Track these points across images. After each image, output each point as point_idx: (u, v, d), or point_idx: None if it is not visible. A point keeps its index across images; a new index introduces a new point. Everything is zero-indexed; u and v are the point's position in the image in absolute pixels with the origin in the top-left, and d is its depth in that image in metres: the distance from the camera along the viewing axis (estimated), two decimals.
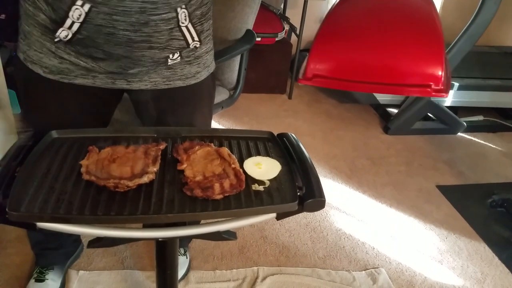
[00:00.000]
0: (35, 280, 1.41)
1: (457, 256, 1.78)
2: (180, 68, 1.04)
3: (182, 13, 0.93)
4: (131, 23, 0.88)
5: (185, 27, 0.96)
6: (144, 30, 0.90)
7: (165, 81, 1.04)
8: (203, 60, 1.08)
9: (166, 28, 0.92)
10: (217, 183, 0.72)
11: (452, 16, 3.29)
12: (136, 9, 0.86)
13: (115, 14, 0.86)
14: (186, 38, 0.98)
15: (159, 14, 0.89)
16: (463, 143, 2.73)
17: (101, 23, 0.87)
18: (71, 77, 0.98)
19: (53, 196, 0.67)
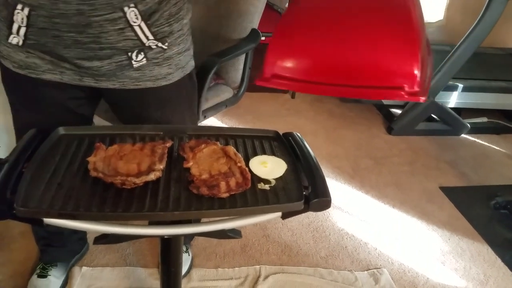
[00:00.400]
0: (38, 276, 1.42)
1: (460, 257, 1.78)
2: (149, 70, 1.01)
3: (130, 12, 0.89)
4: (73, 25, 0.87)
5: (137, 26, 0.91)
6: (89, 31, 0.88)
7: (134, 82, 1.02)
8: (175, 61, 1.05)
9: (113, 29, 0.89)
10: (223, 182, 0.72)
11: (457, 17, 3.28)
12: (73, 11, 0.85)
13: (53, 16, 0.85)
14: (139, 38, 0.93)
15: (101, 15, 0.86)
16: (466, 144, 2.73)
17: (44, 26, 0.87)
18: (38, 72, 0.98)
19: (61, 192, 0.67)
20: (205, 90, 1.64)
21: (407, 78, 0.63)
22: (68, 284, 1.45)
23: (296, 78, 0.70)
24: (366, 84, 0.66)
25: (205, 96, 1.70)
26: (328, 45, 0.69)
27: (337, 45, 0.68)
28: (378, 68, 0.65)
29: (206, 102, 1.76)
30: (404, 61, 0.64)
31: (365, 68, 0.66)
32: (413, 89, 0.63)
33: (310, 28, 0.71)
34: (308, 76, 0.69)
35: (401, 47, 0.65)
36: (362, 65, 0.66)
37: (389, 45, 0.66)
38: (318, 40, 0.70)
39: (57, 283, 1.42)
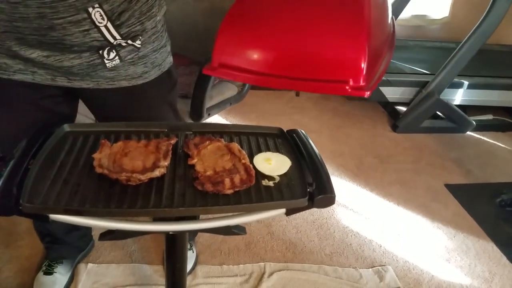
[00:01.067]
0: (44, 273, 1.42)
1: (465, 255, 1.78)
2: (124, 69, 0.98)
3: (95, 12, 0.85)
4: (35, 28, 0.84)
5: (103, 26, 0.88)
6: (53, 34, 0.85)
7: (108, 81, 0.99)
8: (151, 60, 1.02)
9: (78, 30, 0.86)
10: (228, 178, 0.73)
11: (462, 14, 3.26)
12: (34, 14, 0.81)
13: (14, 20, 0.83)
14: (106, 38, 0.90)
15: (64, 17, 0.83)
16: (472, 142, 2.71)
17: (6, 30, 0.84)
18: (9, 72, 0.94)
19: (66, 188, 0.68)
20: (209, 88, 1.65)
21: (352, 72, 0.61)
22: (74, 280, 1.46)
23: (243, 68, 0.68)
24: (311, 77, 0.64)
25: (209, 94, 1.71)
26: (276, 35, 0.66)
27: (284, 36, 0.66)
28: (324, 61, 0.63)
29: (210, 100, 1.76)
30: (350, 54, 0.61)
31: (311, 61, 0.63)
32: (358, 84, 0.61)
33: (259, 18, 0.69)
34: (254, 67, 0.67)
35: (348, 40, 0.62)
36: (308, 57, 0.64)
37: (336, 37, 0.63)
38: (266, 30, 0.67)
39: (63, 280, 1.43)
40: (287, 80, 0.64)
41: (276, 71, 0.65)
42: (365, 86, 0.61)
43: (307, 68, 0.63)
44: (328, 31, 0.63)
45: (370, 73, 0.61)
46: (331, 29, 0.63)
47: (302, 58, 0.63)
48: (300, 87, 0.65)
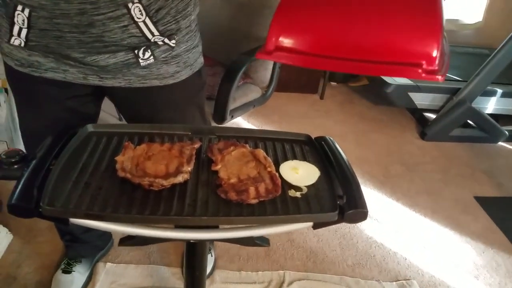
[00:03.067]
0: (62, 271, 1.43)
1: (495, 272, 1.70)
2: (157, 68, 0.98)
3: (135, 8, 0.86)
4: (75, 25, 0.84)
5: (142, 22, 0.88)
6: (92, 31, 0.85)
7: (140, 80, 0.99)
8: (183, 59, 1.02)
9: (117, 26, 0.86)
10: (252, 187, 0.69)
11: (496, 19, 3.15)
12: (75, 11, 0.82)
13: (54, 17, 0.83)
14: (144, 34, 0.90)
15: (104, 13, 0.84)
16: (504, 152, 2.61)
17: (46, 27, 0.85)
18: (41, 70, 0.95)
19: (88, 192, 0.66)
20: (233, 90, 1.62)
21: (426, 55, 0.57)
22: (92, 279, 1.46)
23: (302, 51, 0.64)
24: (381, 60, 0.60)
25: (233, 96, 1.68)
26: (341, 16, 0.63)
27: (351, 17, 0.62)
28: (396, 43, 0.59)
29: (234, 102, 1.74)
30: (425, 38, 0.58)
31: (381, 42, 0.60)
32: (432, 67, 0.57)
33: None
34: (316, 49, 0.63)
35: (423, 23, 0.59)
36: (378, 39, 0.60)
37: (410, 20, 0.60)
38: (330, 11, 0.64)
39: (81, 279, 1.43)
40: (354, 63, 0.61)
41: (341, 53, 0.61)
42: (438, 70, 0.58)
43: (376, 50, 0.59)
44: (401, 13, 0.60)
45: (441, 58, 0.58)
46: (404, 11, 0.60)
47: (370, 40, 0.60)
48: (367, 70, 0.61)
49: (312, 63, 0.65)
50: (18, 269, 1.48)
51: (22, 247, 1.56)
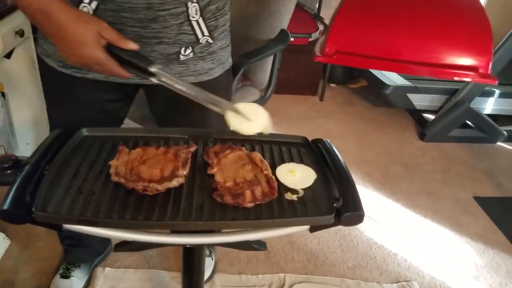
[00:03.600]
0: (61, 276, 1.42)
1: (495, 273, 1.69)
2: (193, 64, 1.01)
3: (193, 7, 0.90)
4: (139, 19, 0.87)
5: (195, 21, 0.93)
6: (153, 26, 0.89)
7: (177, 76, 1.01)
8: (218, 57, 1.05)
9: (175, 23, 0.90)
10: (248, 190, 0.69)
11: (496, 20, 3.14)
12: (143, 5, 0.85)
13: (122, 11, 0.85)
14: (196, 33, 0.95)
15: (168, 9, 0.87)
16: (503, 153, 2.60)
17: (109, 20, 0.86)
18: (84, 71, 0.97)
19: (81, 197, 0.65)
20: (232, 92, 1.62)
21: (481, 61, 0.63)
22: (91, 284, 1.45)
23: (362, 53, 0.67)
24: (437, 62, 0.64)
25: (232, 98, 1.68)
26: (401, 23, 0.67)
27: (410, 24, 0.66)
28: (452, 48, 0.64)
29: None
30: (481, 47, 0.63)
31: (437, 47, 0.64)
32: (486, 71, 0.63)
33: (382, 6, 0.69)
34: (376, 52, 0.66)
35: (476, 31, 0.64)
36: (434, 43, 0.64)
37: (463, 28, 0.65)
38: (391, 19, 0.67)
39: (80, 284, 1.42)
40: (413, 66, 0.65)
41: (400, 56, 0.65)
42: (491, 75, 0.63)
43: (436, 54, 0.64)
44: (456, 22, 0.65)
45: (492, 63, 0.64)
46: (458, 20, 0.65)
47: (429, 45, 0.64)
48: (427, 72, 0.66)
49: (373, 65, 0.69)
50: (15, 274, 1.47)
51: (20, 252, 1.56)
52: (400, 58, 0.66)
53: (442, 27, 0.65)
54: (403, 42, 0.66)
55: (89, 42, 0.76)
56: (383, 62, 0.67)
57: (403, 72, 0.68)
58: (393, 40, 0.66)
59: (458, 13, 0.66)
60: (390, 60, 0.66)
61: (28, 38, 1.64)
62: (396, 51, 0.66)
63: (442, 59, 0.64)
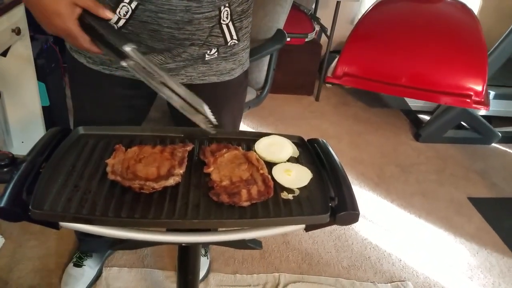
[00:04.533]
0: (74, 265, 1.45)
1: (488, 272, 1.70)
2: (216, 64, 1.03)
3: (225, 11, 0.93)
4: (175, 21, 0.88)
5: (225, 24, 0.95)
6: (188, 28, 0.90)
7: (201, 76, 1.04)
8: (239, 57, 1.07)
9: (208, 26, 0.92)
10: (244, 189, 0.69)
11: (490, 21, 3.16)
12: (181, 7, 0.86)
13: (160, 12, 0.86)
14: (225, 36, 0.97)
15: (203, 12, 0.88)
16: (497, 154, 2.62)
17: (147, 20, 0.87)
18: (112, 68, 0.99)
19: (77, 195, 0.65)
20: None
21: (475, 89, 0.69)
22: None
23: (366, 77, 0.75)
24: (434, 89, 0.71)
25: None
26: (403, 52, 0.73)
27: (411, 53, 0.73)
28: (448, 76, 0.70)
29: None
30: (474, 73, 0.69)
31: (435, 75, 0.70)
32: (479, 98, 0.69)
33: (386, 37, 0.77)
34: (379, 77, 0.74)
35: (472, 61, 0.71)
36: (433, 71, 0.71)
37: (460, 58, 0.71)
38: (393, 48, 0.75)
39: (91, 273, 1.45)
40: (412, 90, 0.71)
41: (400, 81, 0.71)
42: (484, 102, 0.68)
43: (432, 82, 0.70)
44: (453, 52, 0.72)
45: (486, 91, 0.71)
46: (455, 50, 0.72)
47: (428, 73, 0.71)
48: (424, 97, 0.73)
49: (376, 88, 0.75)
50: (10, 273, 1.46)
51: (14, 251, 1.55)
52: (401, 83, 0.73)
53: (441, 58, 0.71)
54: (404, 69, 0.72)
55: (62, 13, 0.73)
56: (386, 86, 0.74)
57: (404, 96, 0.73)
58: (395, 67, 0.73)
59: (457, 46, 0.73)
60: (392, 84, 0.73)
61: (24, 36, 1.63)
62: (398, 77, 0.72)
63: (439, 87, 0.70)
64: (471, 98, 0.69)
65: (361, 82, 0.75)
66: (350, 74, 0.75)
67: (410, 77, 0.71)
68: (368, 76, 0.74)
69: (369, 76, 0.74)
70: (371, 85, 0.75)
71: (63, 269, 1.46)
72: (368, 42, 0.77)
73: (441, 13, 0.80)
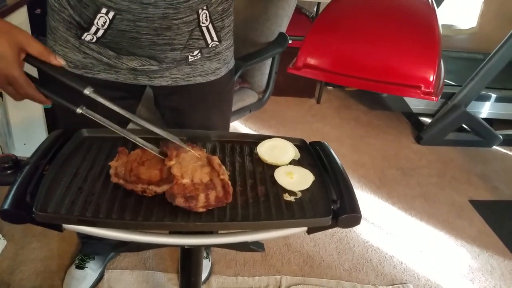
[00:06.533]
0: (76, 267, 1.45)
1: (490, 275, 1.70)
2: (200, 65, 1.04)
3: (203, 14, 0.93)
4: (154, 28, 0.88)
5: (205, 27, 0.96)
6: (167, 33, 0.90)
7: (185, 77, 1.04)
8: (223, 57, 1.08)
9: (187, 30, 0.92)
10: (203, 194, 0.67)
11: (491, 24, 3.17)
12: (159, 15, 0.86)
13: (138, 20, 0.86)
14: (205, 38, 0.98)
15: (181, 18, 0.89)
16: (498, 156, 2.62)
17: (125, 29, 0.88)
18: (94, 71, 0.99)
19: (81, 197, 0.66)
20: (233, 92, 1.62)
21: (424, 80, 0.71)
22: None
23: (325, 69, 0.77)
24: (389, 81, 0.73)
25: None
26: (361, 45, 0.76)
27: (368, 46, 0.76)
28: (401, 68, 0.73)
29: None
30: (424, 65, 0.72)
31: (390, 67, 0.73)
32: (428, 89, 0.71)
33: (345, 30, 0.79)
34: (337, 69, 0.76)
35: (423, 55, 0.73)
36: (388, 64, 0.74)
37: (413, 50, 0.74)
38: (350, 39, 0.78)
39: (93, 276, 1.45)
40: (366, 81, 0.74)
41: (356, 73, 0.75)
42: (433, 92, 0.71)
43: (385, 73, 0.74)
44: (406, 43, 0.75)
45: (437, 82, 0.72)
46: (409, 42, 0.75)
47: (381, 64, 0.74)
48: (376, 88, 0.75)
49: (334, 80, 0.77)
50: (11, 275, 1.46)
51: (16, 253, 1.55)
52: (358, 75, 0.75)
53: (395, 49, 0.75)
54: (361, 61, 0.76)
55: (6, 56, 0.67)
56: (343, 78, 0.76)
57: (360, 87, 0.77)
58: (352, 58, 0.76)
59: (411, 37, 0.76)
60: (348, 76, 0.76)
61: None
62: (355, 69, 0.75)
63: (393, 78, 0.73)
64: (420, 89, 0.71)
65: (320, 74, 0.79)
66: (309, 65, 0.78)
67: (368, 69, 0.74)
68: (326, 67, 0.77)
69: (328, 68, 0.77)
70: (330, 77, 0.78)
71: (65, 271, 1.47)
72: (329, 33, 0.80)
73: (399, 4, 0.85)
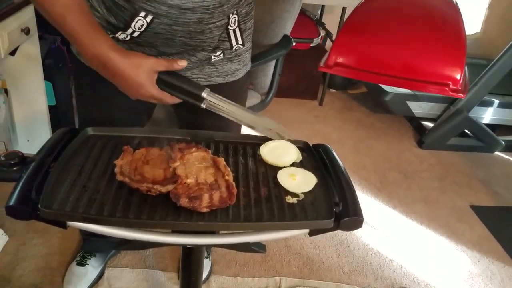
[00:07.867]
0: (77, 263, 1.46)
1: (489, 281, 1.70)
2: (222, 65, 1.06)
3: (233, 18, 0.96)
4: (188, 32, 0.90)
5: (232, 30, 0.99)
6: (199, 37, 0.93)
7: (206, 78, 1.05)
8: (243, 58, 1.10)
9: (217, 34, 0.95)
10: (207, 194, 0.67)
11: (494, 30, 3.17)
12: (195, 20, 0.88)
13: (175, 24, 0.88)
14: (230, 40, 1.00)
15: (214, 22, 0.91)
16: (500, 162, 2.62)
17: (161, 32, 0.89)
18: None
19: (85, 195, 0.66)
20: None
21: (452, 78, 0.74)
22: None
23: (356, 67, 0.80)
24: (418, 78, 0.76)
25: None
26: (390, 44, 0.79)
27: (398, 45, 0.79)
28: (429, 67, 0.76)
29: None
30: (452, 64, 0.75)
31: (419, 66, 0.77)
32: (456, 87, 0.74)
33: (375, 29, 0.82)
34: (368, 67, 0.79)
35: (451, 52, 0.76)
36: (417, 63, 0.77)
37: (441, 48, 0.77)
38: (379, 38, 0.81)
39: (94, 273, 1.46)
40: (395, 79, 0.77)
41: (386, 71, 0.78)
42: (461, 90, 0.74)
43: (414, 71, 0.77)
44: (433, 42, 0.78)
45: (464, 80, 0.75)
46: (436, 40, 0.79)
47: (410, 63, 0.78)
48: (406, 85, 0.78)
49: (365, 77, 0.80)
50: (12, 271, 1.47)
51: (17, 249, 1.56)
52: (388, 73, 0.78)
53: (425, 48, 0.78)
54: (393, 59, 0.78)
55: (143, 84, 0.83)
56: (374, 76, 0.79)
57: (390, 84, 0.80)
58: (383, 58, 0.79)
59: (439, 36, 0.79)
60: (378, 74, 0.78)
61: (33, 36, 1.65)
62: (385, 67, 0.78)
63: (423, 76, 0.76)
64: (449, 86, 0.75)
65: (351, 72, 0.80)
66: (341, 64, 0.80)
67: (398, 67, 0.77)
68: (358, 66, 0.79)
69: (359, 66, 0.79)
70: (361, 75, 0.79)
71: (66, 268, 1.47)
72: (359, 33, 0.82)
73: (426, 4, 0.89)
